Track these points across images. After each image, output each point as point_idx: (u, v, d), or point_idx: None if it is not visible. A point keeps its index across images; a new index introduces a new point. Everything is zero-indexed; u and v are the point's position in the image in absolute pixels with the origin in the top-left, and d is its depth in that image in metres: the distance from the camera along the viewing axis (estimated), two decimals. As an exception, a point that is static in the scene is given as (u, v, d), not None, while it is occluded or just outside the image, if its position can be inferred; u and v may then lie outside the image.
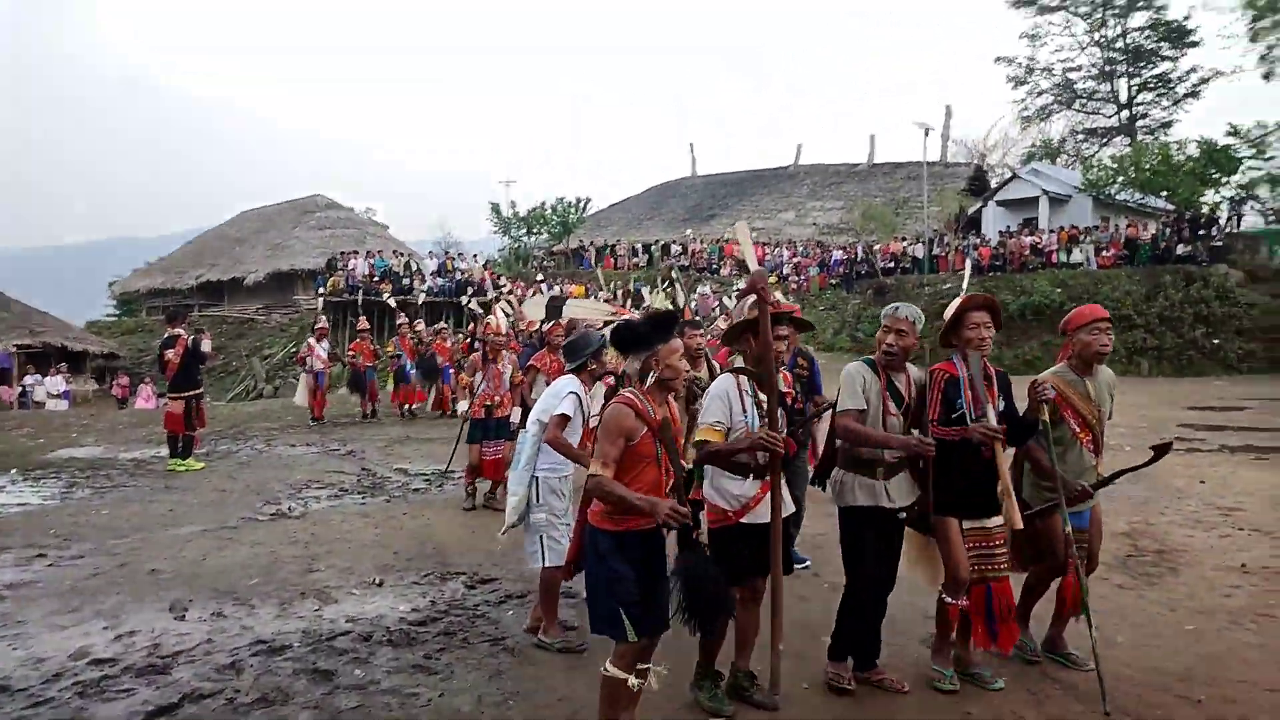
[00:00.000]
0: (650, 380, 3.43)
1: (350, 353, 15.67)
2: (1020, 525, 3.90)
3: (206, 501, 8.68)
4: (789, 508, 3.98)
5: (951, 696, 3.99)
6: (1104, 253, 25.85)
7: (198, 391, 10.60)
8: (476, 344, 14.82)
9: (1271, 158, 29.77)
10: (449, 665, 4.54)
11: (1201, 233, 26.09)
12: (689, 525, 3.20)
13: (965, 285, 4.62)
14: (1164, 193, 28.18)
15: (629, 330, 3.52)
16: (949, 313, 4.13)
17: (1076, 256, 26.06)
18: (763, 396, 3.82)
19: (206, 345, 10.81)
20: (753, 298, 3.94)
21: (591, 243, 35.75)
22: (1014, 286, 24.66)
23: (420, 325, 17.64)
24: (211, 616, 5.27)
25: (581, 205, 37.22)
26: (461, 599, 5.63)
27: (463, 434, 8.19)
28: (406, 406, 15.63)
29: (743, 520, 3.81)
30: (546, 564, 4.78)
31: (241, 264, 33.45)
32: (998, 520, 3.95)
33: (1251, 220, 29.61)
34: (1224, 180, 28.78)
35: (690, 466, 4.05)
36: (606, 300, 7.11)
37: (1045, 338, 22.00)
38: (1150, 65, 43.31)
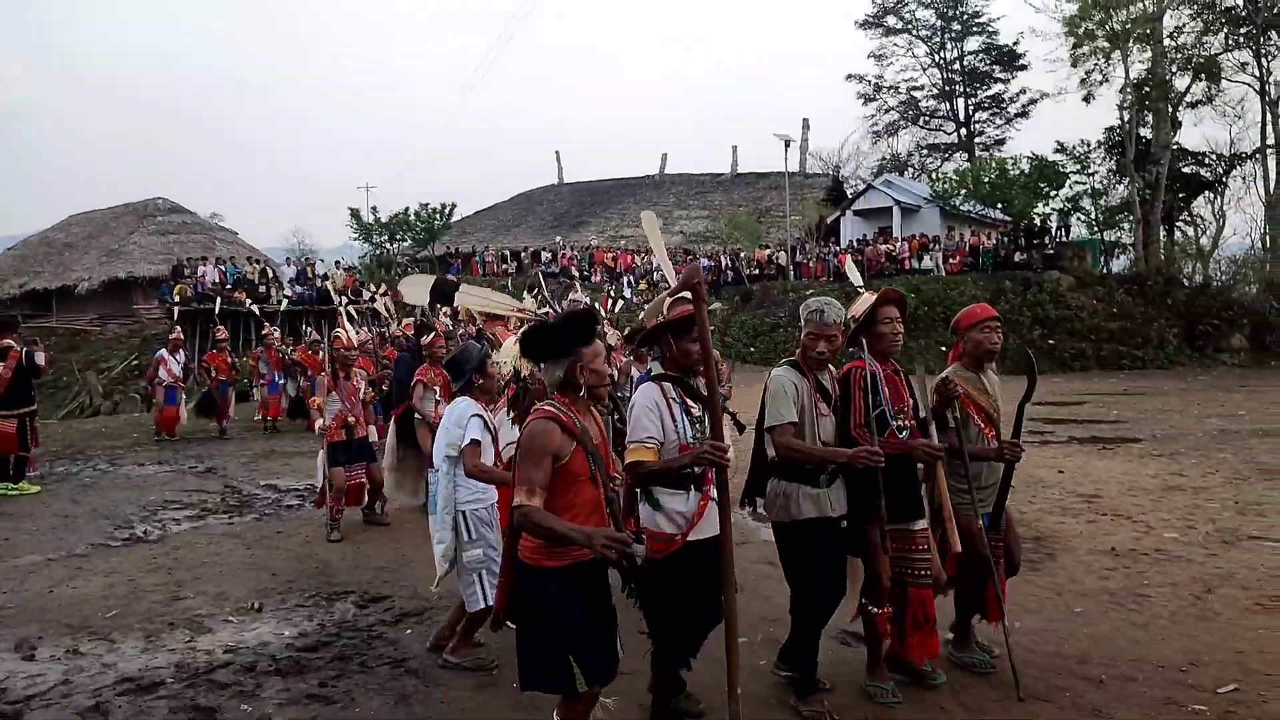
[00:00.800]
0: (572, 389, 3.02)
1: (204, 364, 14.66)
2: (959, 549, 3.88)
3: (48, 528, 7.83)
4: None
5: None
6: (951, 260, 27.49)
7: (32, 408, 9.59)
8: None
9: (1094, 173, 32.43)
10: (348, 692, 4.21)
11: (1036, 242, 28.19)
12: (631, 556, 2.77)
13: (860, 283, 4.59)
14: (1001, 205, 30.21)
15: (543, 333, 3.09)
16: (859, 310, 4.05)
17: (927, 263, 27.60)
18: (692, 404, 3.53)
19: (41, 358, 9.77)
20: (673, 298, 3.74)
21: (459, 250, 35.03)
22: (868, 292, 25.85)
23: (275, 334, 16.75)
24: (66, 654, 4.71)
25: (447, 211, 36.38)
26: (353, 620, 5.27)
27: (331, 459, 7.29)
28: (270, 420, 14.85)
29: (690, 538, 3.44)
30: (489, 604, 4.24)
31: (71, 271, 30.70)
32: (921, 524, 3.88)
33: (1078, 231, 32.12)
34: (1053, 193, 31.15)
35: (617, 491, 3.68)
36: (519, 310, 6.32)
37: (917, 335, 23.15)
38: (985, 86, 46.45)
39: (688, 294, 3.51)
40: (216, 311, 17.35)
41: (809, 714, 3.75)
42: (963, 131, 46.95)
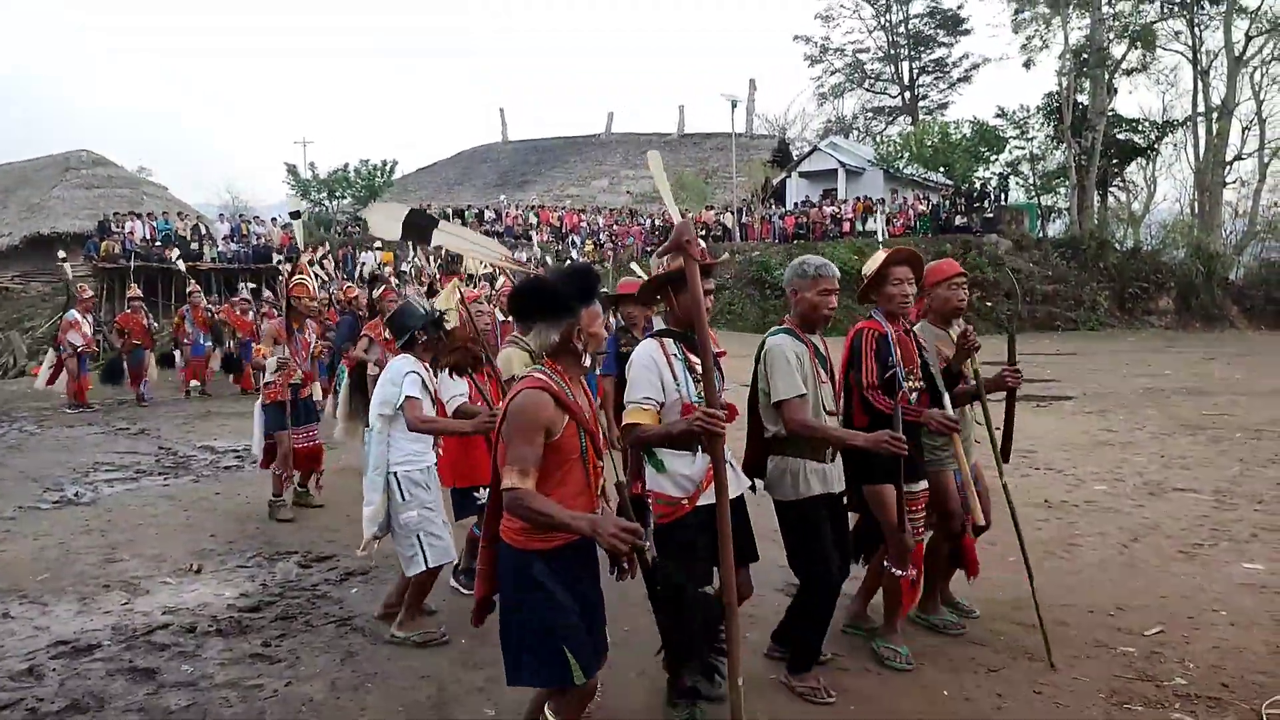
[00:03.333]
0: (566, 354, 2.70)
1: (116, 326, 13.52)
2: (983, 522, 3.92)
3: (-29, 491, 7.54)
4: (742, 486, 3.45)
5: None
6: (894, 223, 27.82)
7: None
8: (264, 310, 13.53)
9: (1033, 138, 33.04)
10: (292, 651, 4.16)
11: (976, 205, 28.67)
12: (642, 550, 2.56)
13: (881, 238, 4.31)
14: (943, 168, 30.63)
15: (541, 290, 2.68)
16: (871, 268, 3.89)
17: (871, 225, 27.86)
18: (695, 360, 3.23)
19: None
20: (664, 254, 3.42)
21: (410, 208, 34.25)
22: (816, 253, 26.04)
23: (200, 293, 15.50)
24: (-4, 618, 4.57)
25: (388, 168, 35.53)
26: (297, 579, 5.19)
27: (271, 419, 6.57)
28: (196, 384, 14.06)
29: (699, 504, 3.20)
30: (430, 565, 4.15)
31: (-11, 226, 29.36)
32: (921, 485, 3.83)
33: (1016, 195, 32.78)
34: (993, 158, 31.69)
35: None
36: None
37: (846, 302, 23.37)
38: (929, 50, 46.83)
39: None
40: (132, 268, 16.23)
41: (803, 690, 3.60)
42: (907, 95, 47.37)
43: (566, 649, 2.59)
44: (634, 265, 9.88)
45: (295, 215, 7.75)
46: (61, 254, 17.35)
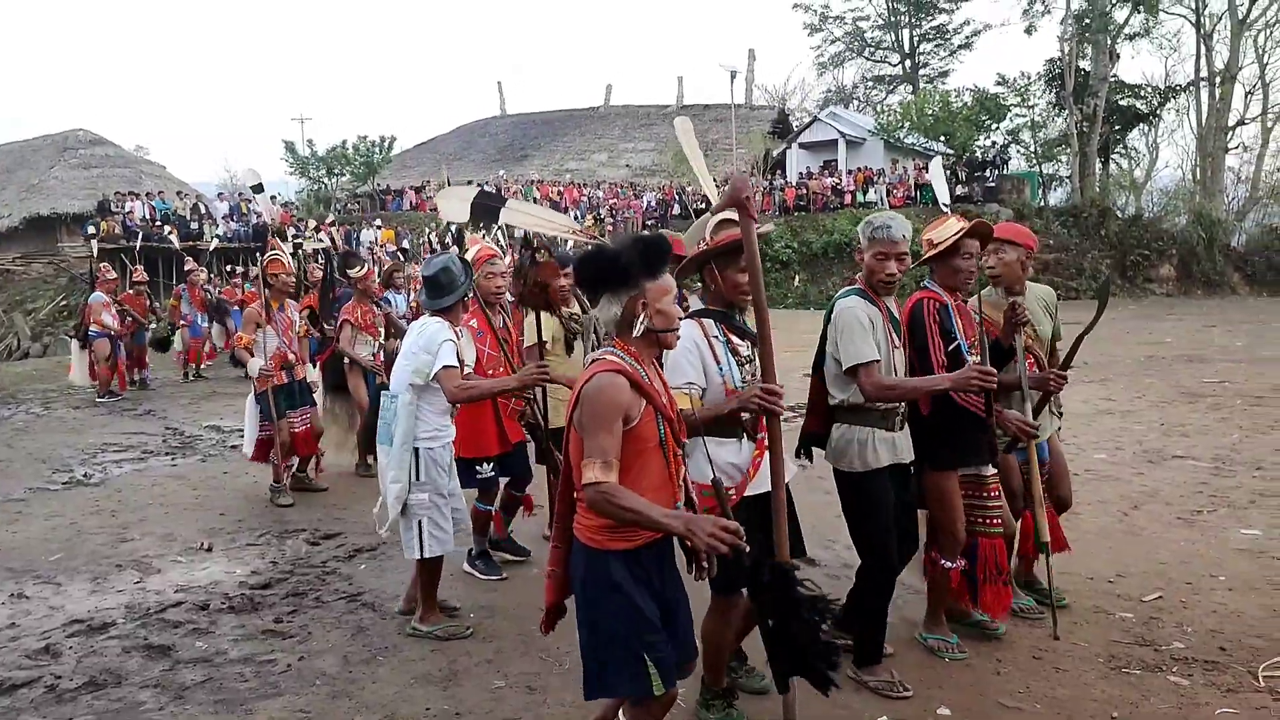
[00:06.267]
0: (629, 331, 2.49)
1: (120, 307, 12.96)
2: (1047, 538, 3.82)
3: (-20, 473, 7.62)
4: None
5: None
6: (895, 194, 27.69)
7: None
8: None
9: (1034, 105, 32.77)
10: (304, 627, 4.23)
11: (977, 175, 28.51)
12: (742, 551, 2.32)
13: (946, 201, 4.04)
14: (944, 137, 30.43)
15: (606, 260, 2.47)
16: (944, 236, 3.61)
17: (871, 196, 27.77)
18: (737, 341, 3.05)
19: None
20: (718, 218, 3.10)
21: (410, 184, 34.16)
22: (817, 225, 26.06)
23: (200, 276, 15.36)
24: (10, 598, 4.64)
25: (387, 144, 35.37)
26: (307, 557, 5.26)
27: (265, 409, 6.36)
28: (194, 367, 13.87)
29: (746, 494, 2.97)
30: (426, 555, 3.96)
31: (-12, 207, 29.30)
32: (992, 469, 3.64)
33: (1017, 164, 32.58)
34: (994, 126, 31.46)
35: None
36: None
37: (846, 273, 23.36)
38: (930, 17, 46.24)
39: (733, 214, 2.93)
40: (138, 249, 16.21)
41: (876, 685, 3.39)
42: (907, 63, 46.85)
43: (647, 658, 2.41)
44: (664, 233, 9.71)
45: (258, 189, 7.41)
46: (91, 229, 17.28)
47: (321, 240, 14.46)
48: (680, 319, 2.58)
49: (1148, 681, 3.44)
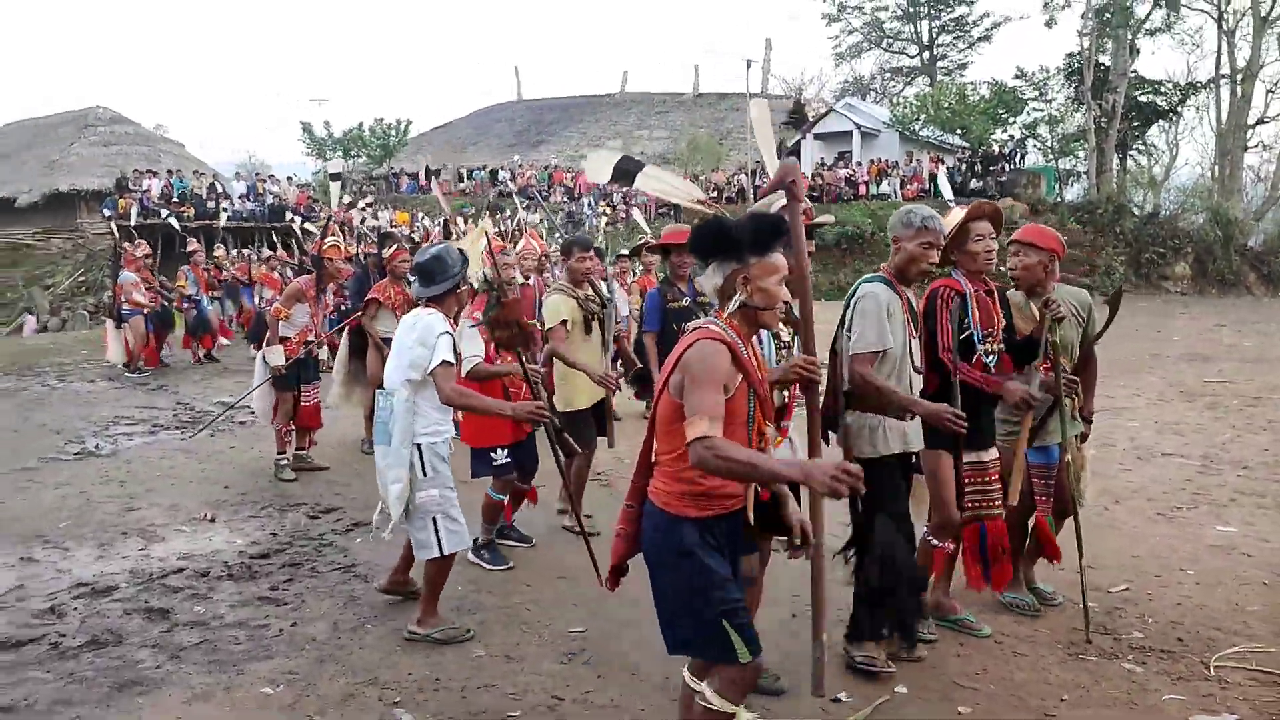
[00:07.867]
0: (733, 306, 2.47)
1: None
2: (1015, 502, 3.79)
3: (-4, 442, 7.85)
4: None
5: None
6: (908, 186, 27.64)
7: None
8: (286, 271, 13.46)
9: (1052, 99, 32.56)
10: (298, 595, 4.41)
11: (992, 168, 28.40)
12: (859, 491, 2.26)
13: (950, 197, 3.97)
14: (960, 130, 30.29)
15: (719, 230, 2.48)
16: (950, 224, 3.68)
17: (885, 188, 27.73)
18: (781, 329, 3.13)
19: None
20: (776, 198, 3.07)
21: (428, 167, 34.31)
22: (831, 215, 25.97)
23: (220, 252, 15.54)
24: (20, 561, 4.84)
25: (403, 127, 35.55)
26: (305, 529, 5.45)
27: (289, 379, 6.53)
28: (204, 351, 13.41)
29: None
30: (445, 552, 3.79)
31: (10, 182, 29.62)
32: (993, 454, 3.74)
33: (1033, 158, 32.39)
34: (1011, 120, 31.28)
35: None
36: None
37: (859, 264, 23.37)
38: (949, 8, 45.90)
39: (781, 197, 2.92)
40: (133, 226, 15.80)
41: (861, 659, 3.46)
42: (925, 55, 46.57)
43: (727, 625, 2.36)
44: (672, 225, 9.72)
45: (335, 177, 8.40)
46: (106, 211, 17.34)
47: (376, 220, 14.56)
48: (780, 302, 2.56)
49: (1103, 668, 3.56)
